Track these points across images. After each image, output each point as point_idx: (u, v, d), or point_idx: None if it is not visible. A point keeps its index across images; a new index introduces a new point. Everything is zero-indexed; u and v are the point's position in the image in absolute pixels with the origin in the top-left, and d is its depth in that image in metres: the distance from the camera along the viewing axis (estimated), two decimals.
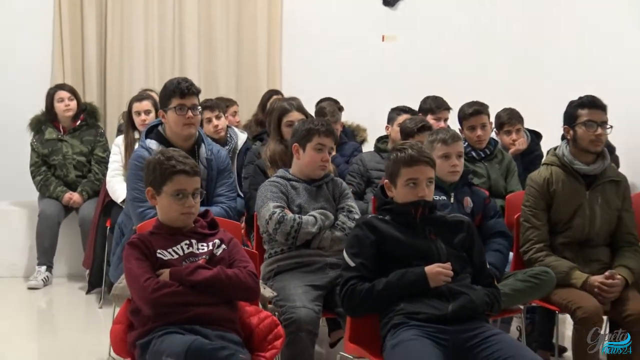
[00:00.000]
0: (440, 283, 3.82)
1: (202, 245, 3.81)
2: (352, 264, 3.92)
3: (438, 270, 3.83)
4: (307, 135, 4.79)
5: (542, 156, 6.31)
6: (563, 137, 4.94)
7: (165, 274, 3.66)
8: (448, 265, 3.86)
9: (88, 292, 7.04)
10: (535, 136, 6.85)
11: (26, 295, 7.13)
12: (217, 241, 3.85)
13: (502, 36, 8.91)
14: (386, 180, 4.09)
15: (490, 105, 6.48)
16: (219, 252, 3.81)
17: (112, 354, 5.45)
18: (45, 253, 7.27)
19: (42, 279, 7.21)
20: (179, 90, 5.02)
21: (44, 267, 7.27)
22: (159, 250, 3.73)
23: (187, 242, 3.79)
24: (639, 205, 5.09)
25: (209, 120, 6.35)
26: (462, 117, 6.21)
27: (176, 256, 3.74)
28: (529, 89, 8.36)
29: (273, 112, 5.72)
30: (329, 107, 6.59)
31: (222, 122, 6.47)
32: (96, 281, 6.90)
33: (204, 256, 3.77)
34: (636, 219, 4.92)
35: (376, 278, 3.89)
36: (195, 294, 3.62)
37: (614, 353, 4.65)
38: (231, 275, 3.70)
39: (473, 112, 6.10)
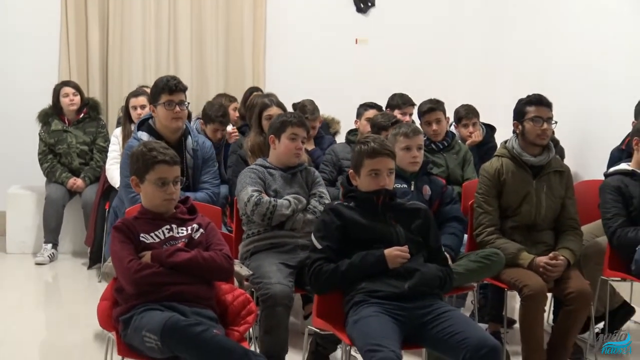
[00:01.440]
0: (398, 265, 3.73)
1: (181, 230, 3.68)
2: (319, 246, 3.84)
3: (396, 254, 3.74)
4: (281, 126, 4.71)
5: (496, 147, 6.16)
6: (514, 131, 4.83)
7: (146, 256, 3.54)
8: (405, 248, 3.77)
9: (89, 267, 6.96)
10: (490, 129, 6.78)
11: (34, 270, 7.03)
12: (195, 226, 3.72)
13: (462, 40, 8.81)
14: (351, 170, 3.99)
15: (451, 101, 6.49)
16: (197, 235, 3.69)
17: None
18: (52, 232, 7.19)
19: (49, 256, 7.14)
20: (168, 88, 4.92)
21: (50, 245, 7.19)
22: (142, 234, 3.61)
23: (168, 226, 3.67)
24: (581, 194, 5.01)
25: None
26: (420, 113, 6.20)
27: (157, 240, 3.62)
28: (485, 87, 8.25)
29: (254, 107, 5.61)
30: (310, 106, 6.44)
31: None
32: (96, 257, 6.83)
33: (183, 239, 3.65)
34: (577, 206, 4.83)
35: (341, 259, 3.79)
36: (174, 274, 3.51)
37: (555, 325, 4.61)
38: (207, 258, 3.58)
39: (428, 109, 6.09)
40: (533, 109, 4.67)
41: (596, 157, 6.19)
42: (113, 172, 6.50)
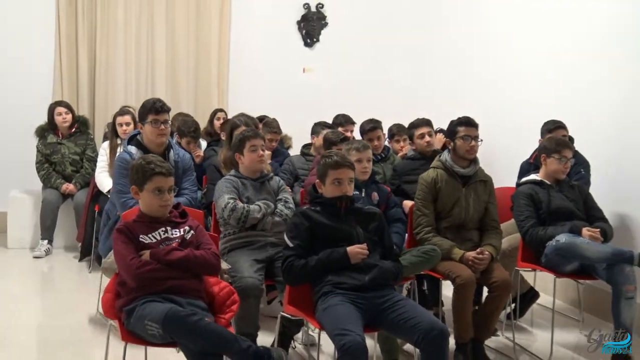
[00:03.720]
0: (359, 260, 3.65)
1: (175, 231, 3.53)
2: (291, 244, 3.73)
3: (357, 251, 3.66)
4: (240, 143, 4.59)
5: None
6: (445, 147, 4.79)
7: (146, 254, 3.38)
8: (364, 246, 3.69)
9: (80, 260, 6.79)
10: None
11: (32, 263, 6.80)
12: (187, 228, 3.57)
13: (392, 68, 8.78)
14: (317, 180, 3.88)
15: (385, 120, 6.40)
16: (188, 236, 3.54)
17: (100, 309, 5.20)
18: (47, 230, 7.00)
19: (45, 250, 6.95)
20: (154, 109, 4.77)
21: (46, 241, 7.00)
22: (141, 236, 3.45)
23: (164, 229, 3.51)
24: (499, 198, 4.93)
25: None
26: (362, 131, 6.12)
27: (155, 240, 3.46)
28: (411, 107, 8.15)
29: (227, 125, 5.46)
30: (275, 123, 6.43)
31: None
32: (86, 251, 6.67)
33: (176, 240, 3.50)
34: (497, 209, 4.80)
35: (310, 256, 3.69)
36: (170, 270, 3.37)
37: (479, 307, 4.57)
38: (198, 255, 3.44)
39: (370, 128, 6.04)
40: (463, 129, 4.63)
41: (504, 168, 6.18)
42: (102, 179, 6.39)
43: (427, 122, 5.67)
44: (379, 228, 3.85)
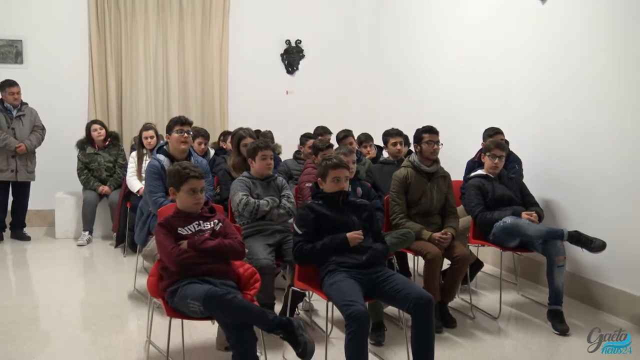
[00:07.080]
0: (356, 243, 3.43)
1: (206, 224, 3.27)
2: (299, 232, 3.49)
3: (355, 236, 3.44)
4: (254, 151, 4.34)
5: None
6: (414, 150, 4.59)
7: (184, 244, 3.12)
8: (360, 232, 3.47)
9: (115, 246, 6.48)
10: (380, 149, 6.52)
11: (76, 250, 6.46)
12: (216, 221, 3.31)
13: (354, 89, 8.66)
14: (319, 179, 3.65)
15: (354, 129, 6.26)
16: (217, 228, 3.28)
17: (136, 287, 4.92)
18: (88, 223, 6.69)
19: (86, 240, 6.64)
20: (180, 121, 4.58)
21: (87, 232, 6.69)
22: (178, 228, 3.19)
23: (197, 222, 3.25)
24: (456, 189, 4.78)
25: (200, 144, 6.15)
26: (337, 140, 5.95)
27: (190, 232, 3.20)
28: (376, 120, 8.11)
29: (234, 136, 5.18)
30: (269, 134, 6.29)
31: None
32: (120, 240, 6.40)
33: (208, 231, 3.24)
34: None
35: (315, 241, 3.46)
36: (205, 257, 3.11)
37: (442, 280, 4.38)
38: (227, 244, 3.19)
39: (343, 136, 5.89)
40: (427, 135, 4.45)
41: (452, 165, 6.02)
42: (132, 181, 6.13)
43: (399, 133, 5.42)
44: (369, 217, 3.63)
